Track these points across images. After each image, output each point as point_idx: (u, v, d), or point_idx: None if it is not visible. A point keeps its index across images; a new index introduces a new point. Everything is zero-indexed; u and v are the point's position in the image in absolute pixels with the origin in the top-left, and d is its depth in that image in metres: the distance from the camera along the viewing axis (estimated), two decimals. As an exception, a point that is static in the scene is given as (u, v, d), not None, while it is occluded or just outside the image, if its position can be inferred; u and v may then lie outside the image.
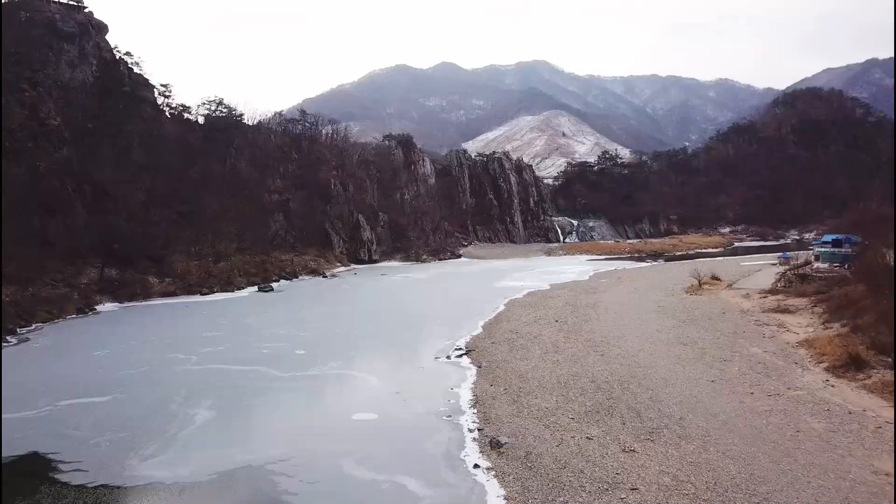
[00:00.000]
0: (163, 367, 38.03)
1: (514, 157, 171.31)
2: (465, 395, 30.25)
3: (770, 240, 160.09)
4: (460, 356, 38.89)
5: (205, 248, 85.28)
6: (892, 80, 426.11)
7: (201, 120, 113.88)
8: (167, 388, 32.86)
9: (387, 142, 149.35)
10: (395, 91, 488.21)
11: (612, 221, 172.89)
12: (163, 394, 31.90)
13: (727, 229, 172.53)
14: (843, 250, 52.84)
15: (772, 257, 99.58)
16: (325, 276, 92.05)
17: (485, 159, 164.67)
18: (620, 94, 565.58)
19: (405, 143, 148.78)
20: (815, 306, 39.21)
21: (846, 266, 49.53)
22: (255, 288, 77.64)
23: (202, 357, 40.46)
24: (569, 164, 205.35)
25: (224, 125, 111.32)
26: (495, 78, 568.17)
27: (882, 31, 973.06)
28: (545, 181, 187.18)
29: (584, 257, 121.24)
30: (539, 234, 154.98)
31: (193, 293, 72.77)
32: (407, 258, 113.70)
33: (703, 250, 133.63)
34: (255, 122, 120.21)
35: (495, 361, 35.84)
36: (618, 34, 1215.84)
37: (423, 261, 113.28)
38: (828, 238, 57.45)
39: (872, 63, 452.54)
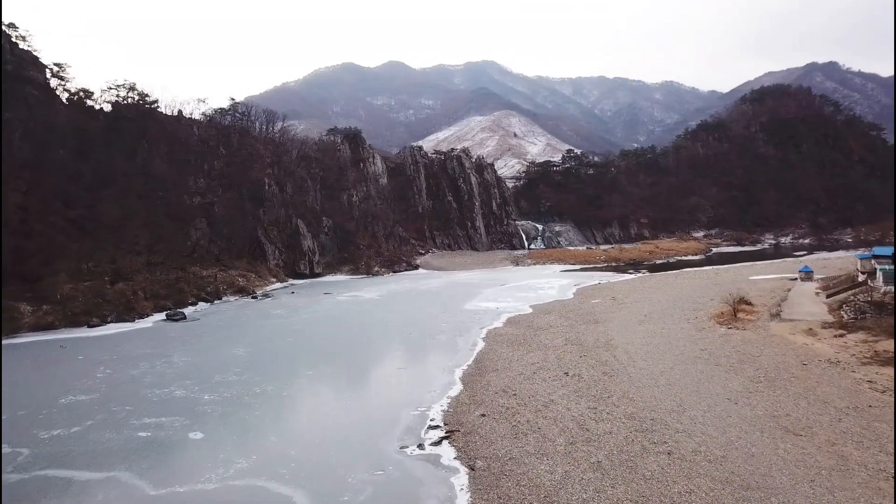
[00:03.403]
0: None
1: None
2: (462, 551, 18.02)
3: (746, 244, 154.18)
4: (438, 442, 26.57)
5: (101, 265, 70.08)
6: (833, 84, 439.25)
7: (108, 108, 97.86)
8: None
9: (331, 136, 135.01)
10: (341, 89, 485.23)
11: (580, 225, 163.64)
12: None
13: (701, 233, 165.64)
14: (916, 268, 43.08)
15: (769, 266, 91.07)
16: (256, 297, 78.04)
17: (442, 157, 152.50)
18: (569, 96, 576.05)
19: (353, 137, 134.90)
20: (937, 356, 28.59)
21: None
22: (164, 315, 63.24)
23: (37, 449, 27.00)
24: (530, 163, 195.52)
25: (135, 114, 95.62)
26: (444, 77, 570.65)
27: (820, 36, 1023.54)
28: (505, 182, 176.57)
29: (557, 267, 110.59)
30: (503, 241, 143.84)
31: (79, 325, 57.98)
32: (356, 270, 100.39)
33: (683, 257, 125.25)
34: (174, 112, 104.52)
35: (496, 458, 23.74)
36: (565, 36, 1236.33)
37: (375, 273, 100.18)
38: (883, 251, 47.81)
39: (813, 67, 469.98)
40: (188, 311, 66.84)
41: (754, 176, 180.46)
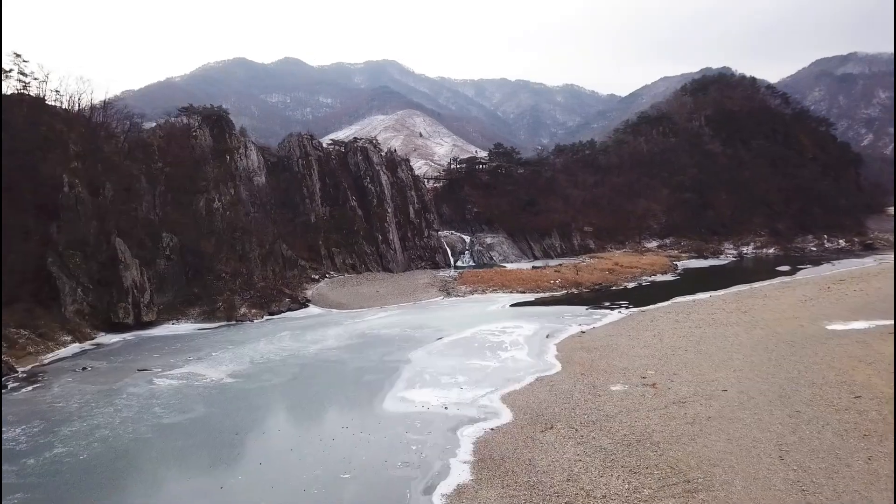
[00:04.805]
0: None
1: (385, 147, 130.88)
2: None
3: (709, 256, 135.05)
4: None
5: None
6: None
7: None
8: None
9: (184, 118, 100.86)
10: (232, 86, 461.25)
11: (514, 235, 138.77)
12: None
13: (654, 243, 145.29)
14: None
15: (793, 297, 68.27)
16: (16, 381, 45.53)
17: (342, 150, 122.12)
18: (471, 97, 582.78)
19: (216, 120, 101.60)
20: None
21: None
22: None
23: None
24: (453, 159, 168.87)
25: None
26: (343, 76, 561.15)
27: (713, 43, 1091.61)
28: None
29: (503, 297, 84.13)
30: (423, 257, 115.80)
31: None
32: (211, 315, 68.79)
33: (652, 277, 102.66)
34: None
35: None
36: (465, 37, 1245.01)
37: (241, 319, 68.87)
38: None
39: (707, 72, 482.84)
40: None
41: (705, 176, 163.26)
